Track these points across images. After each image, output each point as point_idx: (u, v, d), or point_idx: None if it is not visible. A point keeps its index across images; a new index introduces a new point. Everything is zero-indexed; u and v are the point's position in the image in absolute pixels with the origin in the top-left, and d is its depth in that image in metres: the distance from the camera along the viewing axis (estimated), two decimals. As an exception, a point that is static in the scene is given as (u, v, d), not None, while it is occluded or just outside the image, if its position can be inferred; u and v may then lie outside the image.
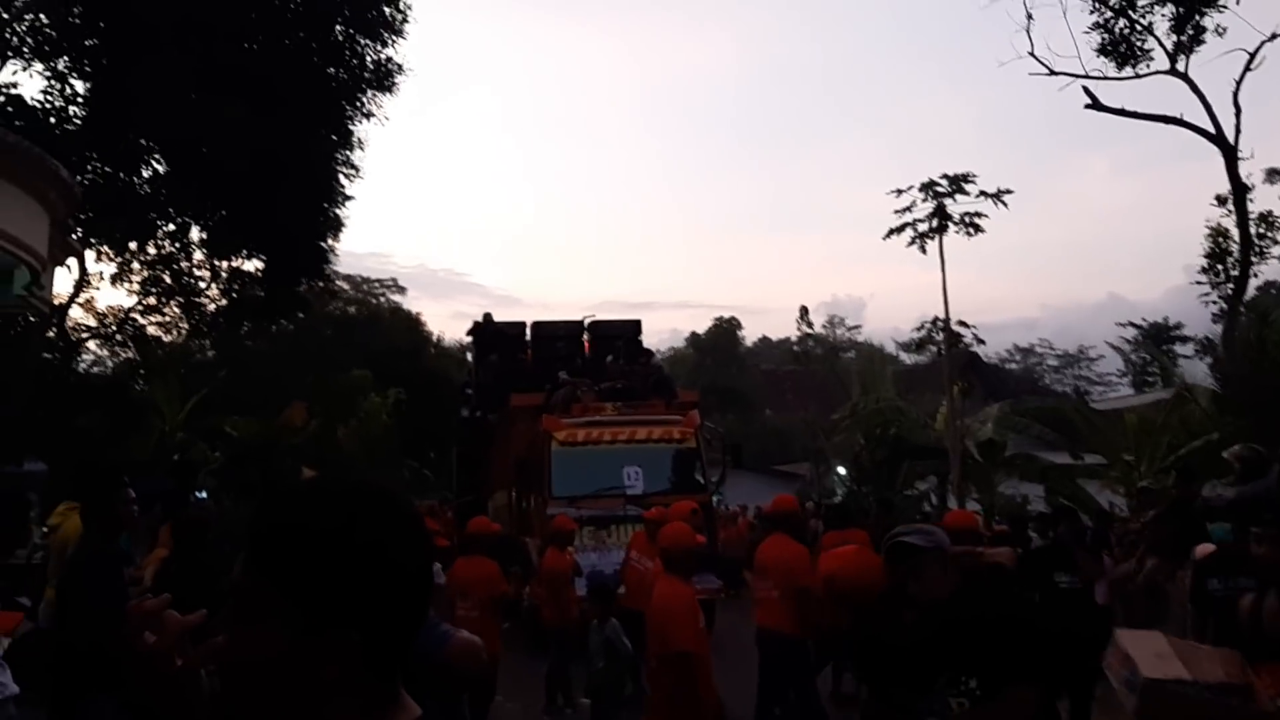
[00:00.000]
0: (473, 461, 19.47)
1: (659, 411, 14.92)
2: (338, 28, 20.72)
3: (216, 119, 17.85)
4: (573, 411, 14.68)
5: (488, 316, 19.81)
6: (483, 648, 3.76)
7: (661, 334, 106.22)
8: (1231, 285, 14.40)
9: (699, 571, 7.07)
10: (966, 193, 20.33)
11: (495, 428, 18.21)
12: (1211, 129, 15.40)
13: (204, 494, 15.18)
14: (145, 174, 21.21)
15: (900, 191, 20.87)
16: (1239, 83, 14.36)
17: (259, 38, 19.63)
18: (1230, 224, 14.32)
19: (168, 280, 25.47)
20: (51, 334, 23.44)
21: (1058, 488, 21.37)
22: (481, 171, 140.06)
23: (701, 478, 14.64)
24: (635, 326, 19.17)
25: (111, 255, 23.57)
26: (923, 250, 20.73)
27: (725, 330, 62.32)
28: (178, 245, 24.02)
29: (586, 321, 19.47)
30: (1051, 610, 7.37)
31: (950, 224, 20.37)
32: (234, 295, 25.21)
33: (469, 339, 20.34)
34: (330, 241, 23.60)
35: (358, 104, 21.56)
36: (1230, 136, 14.30)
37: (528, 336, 19.70)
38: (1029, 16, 20.57)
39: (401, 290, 52.31)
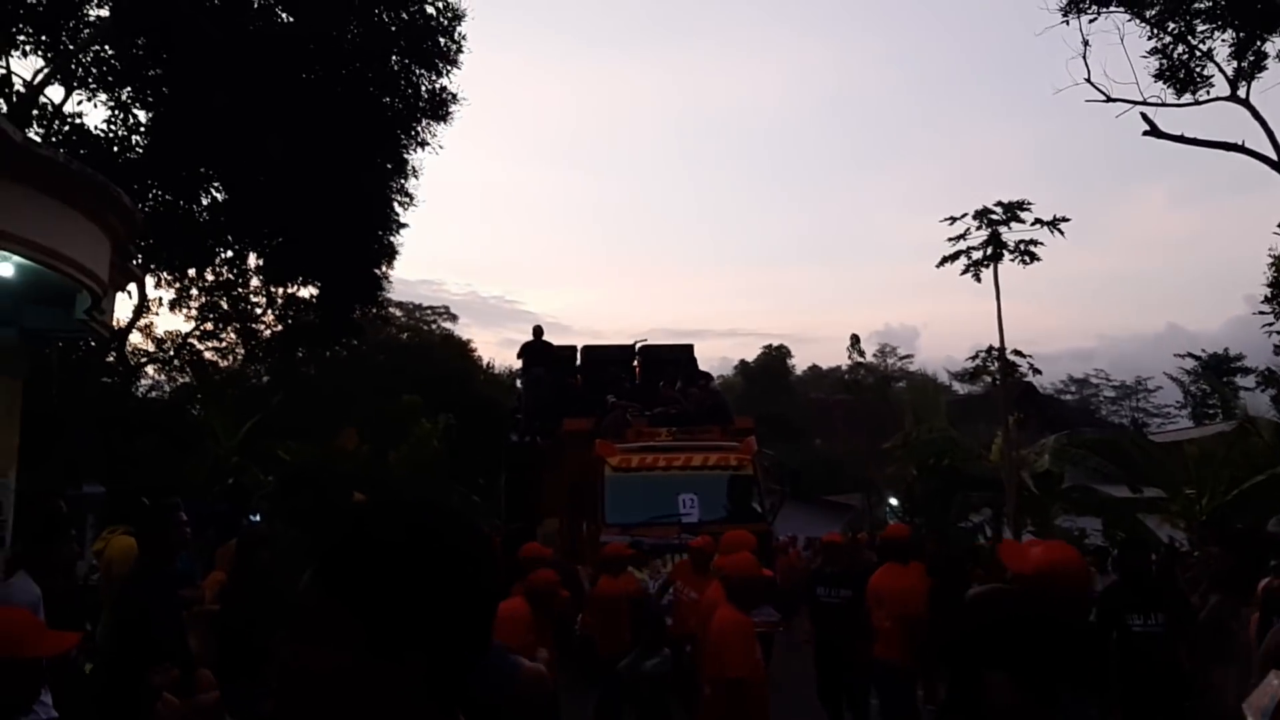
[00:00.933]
0: (522, 487, 19.12)
1: (715, 437, 14.57)
2: (394, 58, 21.01)
3: (275, 148, 18.16)
4: (626, 437, 14.40)
5: (538, 329, 19.44)
6: (550, 678, 3.69)
7: (711, 362, 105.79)
8: (1296, 315, 14.03)
9: (760, 604, 6.95)
10: (1022, 220, 20.04)
11: (546, 453, 17.91)
12: (1274, 155, 15.08)
13: (257, 517, 15.28)
14: (204, 202, 21.61)
15: (954, 219, 20.62)
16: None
17: (317, 68, 19.94)
18: (1295, 252, 13.97)
19: (225, 306, 25.95)
20: (111, 359, 23.90)
21: (1117, 521, 20.92)
22: (533, 200, 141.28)
23: (759, 506, 14.23)
24: (687, 351, 18.84)
25: (170, 281, 24.04)
26: (977, 279, 20.44)
27: (774, 358, 62.12)
28: (235, 272, 24.45)
29: (637, 346, 19.16)
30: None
31: (1005, 252, 20.08)
32: (289, 321, 25.58)
33: (518, 360, 19.97)
34: (384, 269, 23.86)
35: (413, 133, 21.81)
36: (1294, 163, 14.00)
37: (578, 360, 19.42)
38: (1085, 43, 20.35)
39: (453, 318, 52.88)
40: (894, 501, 27.58)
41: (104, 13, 18.76)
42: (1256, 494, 16.47)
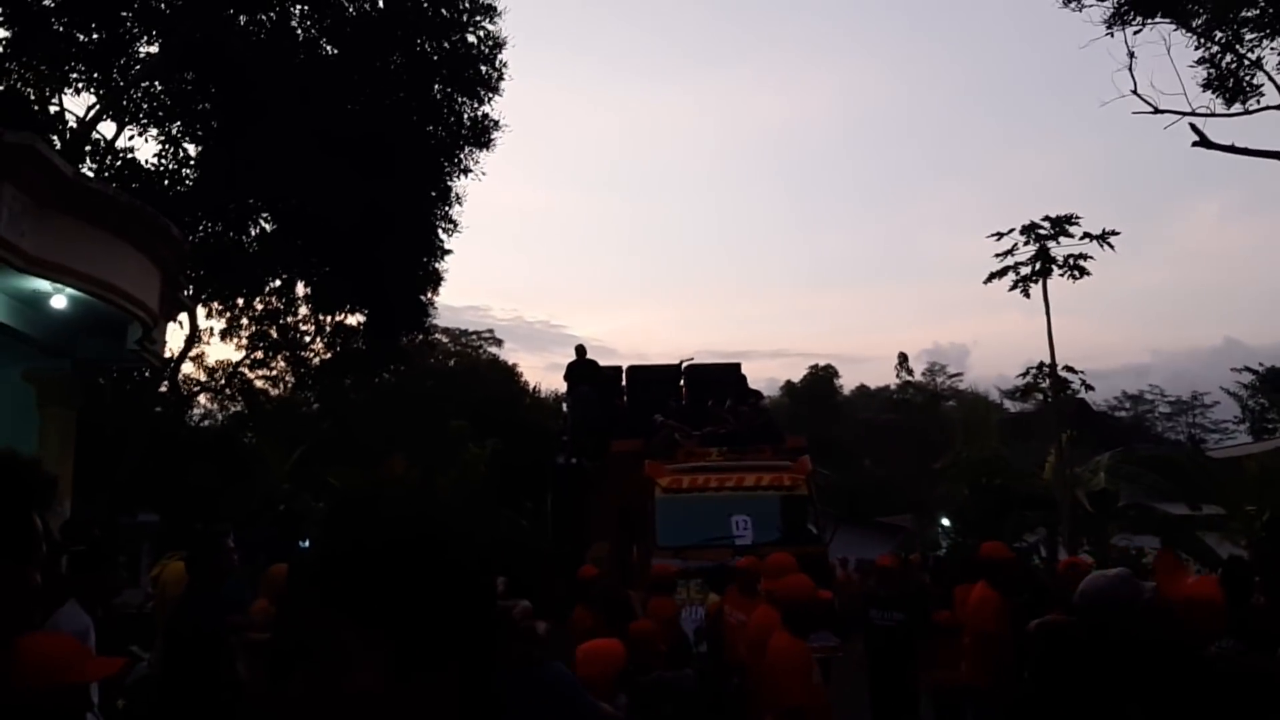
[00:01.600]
0: (569, 510, 18.64)
1: (767, 457, 14.24)
2: (436, 86, 21.26)
3: (321, 178, 18.42)
4: (676, 457, 14.08)
5: (580, 349, 19.22)
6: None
7: (757, 383, 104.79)
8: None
9: (818, 628, 6.74)
10: (1070, 235, 19.80)
11: (593, 475, 17.53)
12: (1329, 164, 14.78)
13: (307, 543, 15.39)
14: (253, 232, 21.95)
15: (1001, 235, 20.41)
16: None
17: (361, 98, 20.23)
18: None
19: (274, 335, 26.32)
20: (164, 389, 24.29)
21: (1175, 540, 20.46)
22: (577, 225, 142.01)
23: (815, 528, 13.88)
24: (735, 370, 18.44)
25: (221, 311, 24.44)
26: (1026, 294, 20.20)
27: (821, 379, 61.65)
28: (284, 301, 24.80)
29: (684, 366, 18.79)
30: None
31: (1054, 267, 19.83)
32: (337, 349, 25.88)
33: (564, 382, 19.72)
34: (430, 295, 24.08)
35: (456, 160, 22.04)
36: (1351, 171, 13.67)
37: (623, 381, 19.14)
38: (1131, 54, 20.04)
39: (498, 342, 53.13)
40: (946, 522, 27.21)
41: (154, 49, 19.17)
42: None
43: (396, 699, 1.10)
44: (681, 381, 18.54)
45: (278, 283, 23.82)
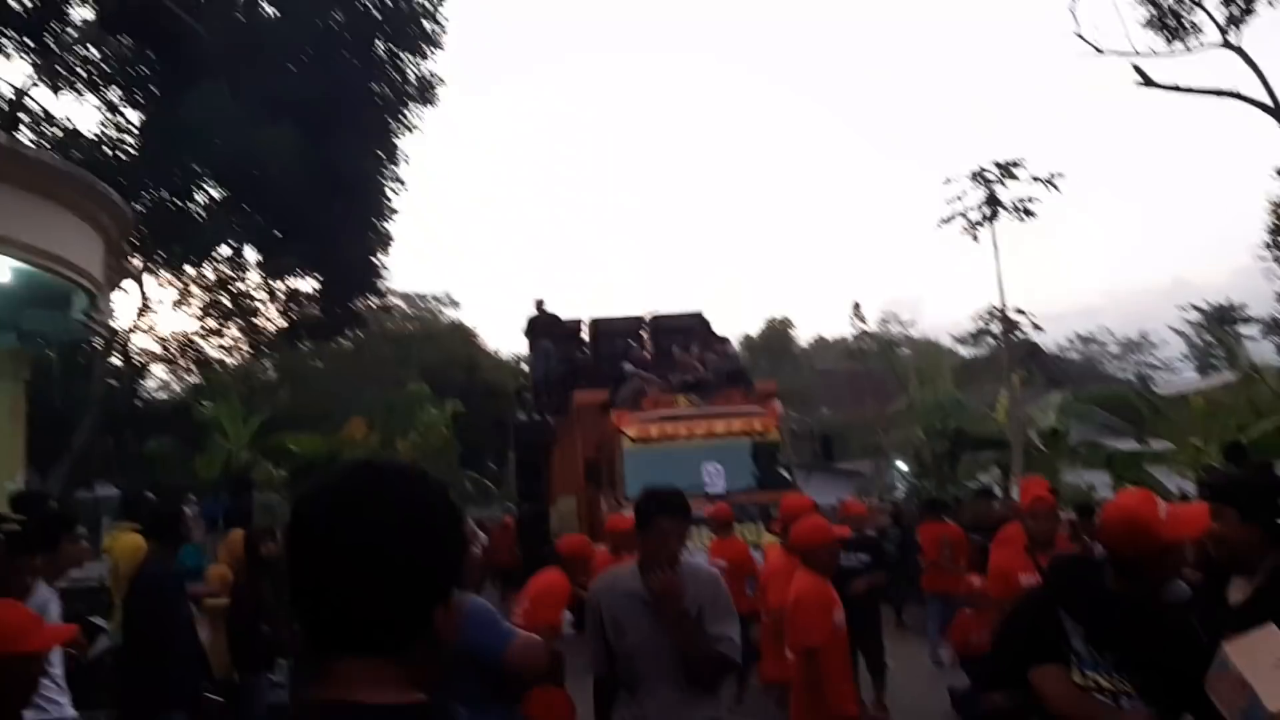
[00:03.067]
0: (534, 467, 18.49)
1: (737, 403, 13.97)
2: (378, 44, 21.01)
3: (265, 142, 18.19)
4: (643, 407, 13.73)
5: (540, 303, 18.85)
6: (546, 649, 3.67)
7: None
8: (1296, 259, 13.99)
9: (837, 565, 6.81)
10: (1017, 179, 19.99)
11: (557, 429, 17.36)
12: (1269, 101, 15.01)
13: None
14: (200, 199, 21.66)
15: (950, 180, 20.58)
16: (1296, 53, 13.94)
17: (303, 59, 19.95)
18: (1292, 196, 13.90)
19: (227, 303, 26.04)
20: (116, 361, 24.01)
21: (1124, 475, 20.95)
22: (533, 184, 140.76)
23: (788, 473, 13.61)
24: (698, 318, 17.90)
25: (171, 280, 24.14)
26: (974, 238, 20.42)
27: (778, 330, 62.00)
28: (234, 267, 24.54)
29: (647, 316, 18.43)
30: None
31: (1002, 211, 20.05)
32: (291, 315, 25.68)
33: (524, 338, 19.41)
34: (381, 256, 23.95)
35: (401, 118, 21.84)
36: (1288, 108, 13.91)
37: (585, 334, 18.87)
38: (1072, -5, 20.11)
39: (456, 305, 52.72)
40: (902, 466, 27.63)
41: (89, 14, 18.77)
42: (1263, 442, 16.43)
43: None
44: (645, 332, 18.17)
45: (227, 250, 23.54)
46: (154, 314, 25.85)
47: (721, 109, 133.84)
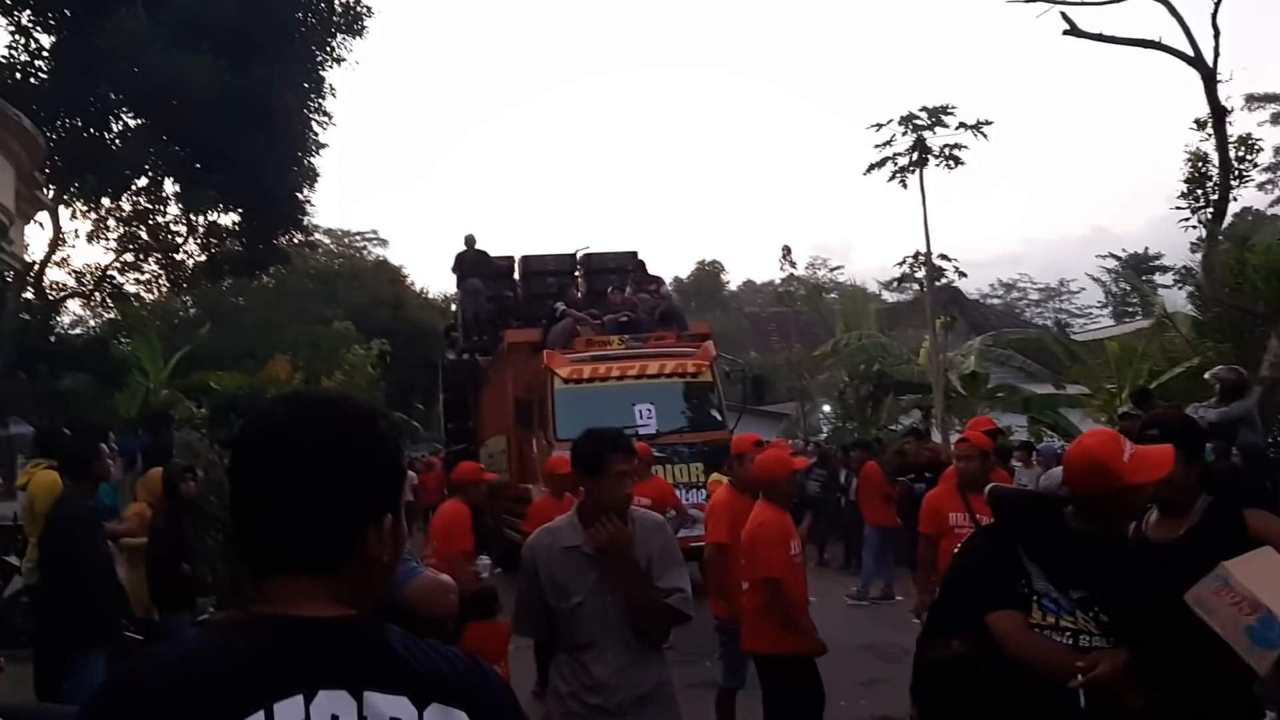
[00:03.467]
0: (462, 407, 18.44)
1: (670, 344, 13.97)
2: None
3: (185, 70, 17.62)
4: (575, 347, 13.73)
5: (470, 239, 18.43)
6: (452, 589, 3.45)
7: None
8: (1210, 210, 14.33)
9: (794, 497, 6.84)
10: (946, 125, 20.02)
11: (487, 369, 17.18)
12: (1190, 52, 15.28)
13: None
14: (116, 128, 20.95)
15: (880, 125, 20.55)
16: (1217, 5, 14.19)
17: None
18: (1210, 148, 14.20)
19: (144, 236, 25.32)
20: (29, 295, 23.29)
21: (1041, 418, 21.54)
22: (455, 125, 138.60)
23: (719, 414, 13.74)
24: (632, 258, 17.56)
25: (85, 212, 23.39)
26: (903, 185, 20.46)
27: (708, 274, 62.27)
28: (153, 200, 23.83)
29: (579, 254, 18.15)
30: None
31: (930, 157, 20.12)
32: (212, 250, 25.08)
33: (453, 274, 18.92)
34: (307, 192, 23.47)
35: (328, 49, 21.28)
36: (1209, 60, 14.15)
37: (517, 272, 18.54)
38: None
39: (383, 242, 51.97)
40: (827, 408, 28.07)
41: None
42: (1174, 386, 16.98)
43: None
44: (577, 271, 17.94)
45: (145, 181, 22.84)
46: (69, 247, 25.09)
47: (656, 52, 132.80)
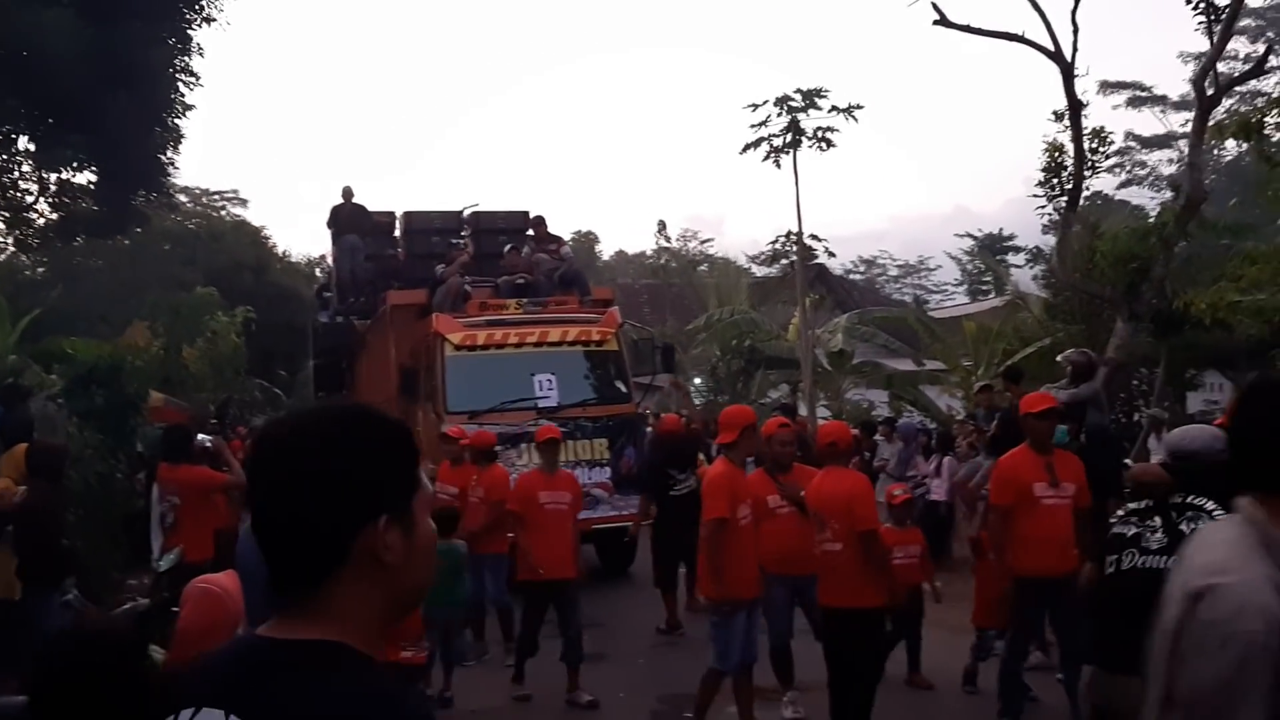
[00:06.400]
0: (334, 374, 16.72)
1: (573, 309, 13.23)
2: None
3: (39, 22, 16.73)
4: (467, 310, 12.79)
5: (347, 190, 17.13)
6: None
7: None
8: (1065, 198, 15.11)
9: (751, 452, 6.95)
10: (819, 107, 20.50)
11: (365, 333, 16.18)
12: (1051, 47, 15.98)
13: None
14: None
15: (756, 106, 20.91)
16: (1077, 2, 14.93)
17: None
18: (1066, 139, 14.97)
19: (-10, 193, 23.97)
20: None
21: (901, 393, 22.38)
22: (327, 84, 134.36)
23: (625, 386, 13.05)
24: (524, 217, 16.33)
25: (-75, 167, 22.02)
26: (777, 165, 20.92)
27: (583, 244, 62.16)
28: (2, 156, 22.55)
29: (466, 212, 16.71)
30: None
31: (804, 139, 20.58)
32: (66, 209, 23.89)
33: (327, 229, 17.53)
34: (170, 154, 22.56)
35: (197, 7, 20.44)
36: (1068, 54, 14.89)
37: (398, 229, 17.36)
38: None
39: (244, 203, 50.07)
40: (699, 381, 28.55)
41: None
42: (1027, 365, 17.89)
43: None
44: (466, 230, 16.54)
45: (-5, 137, 21.60)
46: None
47: (535, 18, 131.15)
